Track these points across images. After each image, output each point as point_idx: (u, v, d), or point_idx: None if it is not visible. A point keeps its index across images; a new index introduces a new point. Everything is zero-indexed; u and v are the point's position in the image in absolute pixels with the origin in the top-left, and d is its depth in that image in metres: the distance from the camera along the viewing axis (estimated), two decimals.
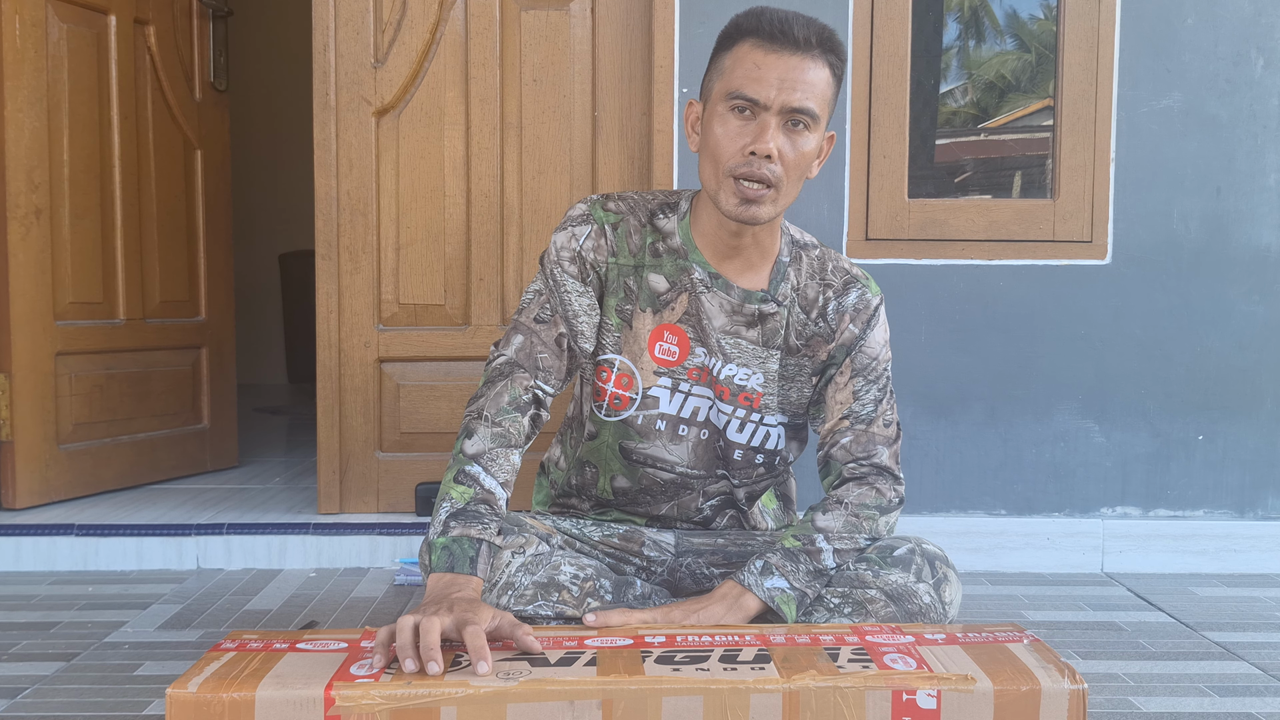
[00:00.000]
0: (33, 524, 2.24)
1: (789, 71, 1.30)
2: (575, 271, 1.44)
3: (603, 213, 1.45)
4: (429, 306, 2.35)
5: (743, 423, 1.47)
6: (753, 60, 1.31)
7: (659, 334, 1.44)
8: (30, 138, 2.34)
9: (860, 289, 1.47)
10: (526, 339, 1.42)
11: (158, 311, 2.70)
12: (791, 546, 1.36)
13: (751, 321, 1.44)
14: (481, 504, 1.28)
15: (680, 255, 1.44)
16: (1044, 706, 1.05)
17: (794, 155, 1.32)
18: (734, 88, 1.31)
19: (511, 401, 1.37)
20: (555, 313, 1.43)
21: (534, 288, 1.46)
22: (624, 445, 1.48)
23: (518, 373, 1.39)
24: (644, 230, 1.45)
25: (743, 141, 1.31)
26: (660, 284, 1.44)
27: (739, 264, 1.43)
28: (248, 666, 1.06)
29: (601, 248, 1.44)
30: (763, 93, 1.30)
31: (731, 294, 1.43)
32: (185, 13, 2.75)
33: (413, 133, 2.32)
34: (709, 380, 1.45)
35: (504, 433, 1.34)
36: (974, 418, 2.28)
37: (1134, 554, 2.27)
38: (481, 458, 1.32)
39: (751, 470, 1.51)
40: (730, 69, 1.33)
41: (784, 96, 1.30)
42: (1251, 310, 2.28)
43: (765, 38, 1.31)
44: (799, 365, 1.47)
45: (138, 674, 1.61)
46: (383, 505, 2.36)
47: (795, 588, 1.33)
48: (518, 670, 1.05)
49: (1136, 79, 2.25)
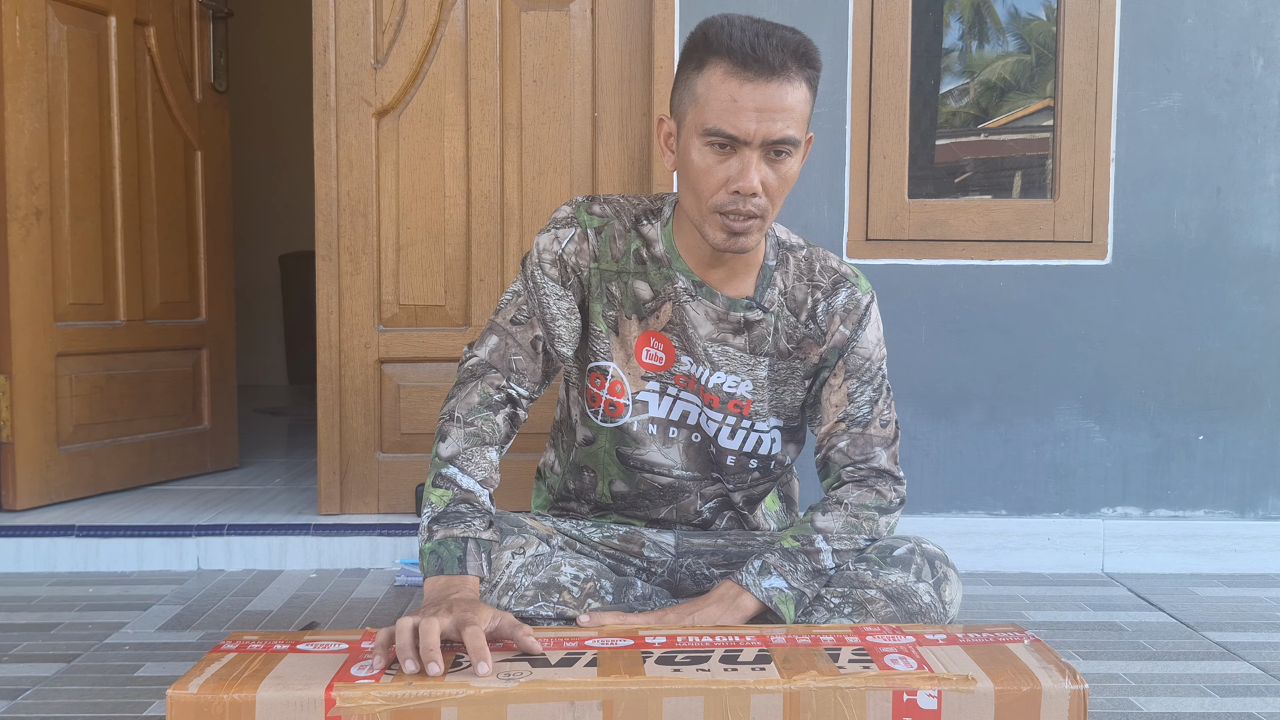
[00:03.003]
0: (33, 525, 2.24)
1: (767, 101, 1.24)
2: (556, 275, 1.42)
3: (587, 216, 1.43)
4: (429, 307, 2.35)
5: (734, 429, 1.46)
6: (727, 92, 1.25)
7: (645, 340, 1.43)
8: (30, 139, 2.34)
9: (849, 288, 1.44)
10: (501, 340, 1.41)
11: (158, 312, 2.70)
12: (790, 546, 1.36)
13: (738, 329, 1.42)
14: (461, 504, 1.27)
15: (664, 264, 1.41)
16: (1045, 707, 1.05)
17: (777, 182, 1.29)
18: (710, 123, 1.26)
19: (482, 401, 1.36)
20: (533, 315, 1.42)
21: (513, 288, 1.44)
22: (620, 451, 1.47)
23: (490, 373, 1.38)
24: (629, 235, 1.43)
25: (724, 176, 1.27)
26: (645, 291, 1.42)
27: (723, 272, 1.41)
28: (248, 667, 1.06)
29: (584, 252, 1.42)
30: (741, 127, 1.24)
31: (716, 302, 1.41)
32: (185, 14, 2.75)
33: (413, 133, 2.32)
34: (696, 388, 1.44)
35: (477, 431, 1.33)
36: (974, 418, 2.28)
37: (1134, 554, 2.27)
38: (457, 459, 1.31)
39: (746, 475, 1.50)
40: (704, 98, 1.27)
41: (764, 129, 1.24)
42: (1252, 310, 2.28)
43: (738, 63, 1.24)
44: (790, 369, 1.45)
45: (138, 675, 1.61)
46: (383, 506, 2.36)
47: (793, 587, 1.32)
48: (518, 671, 1.05)
49: (1136, 79, 2.25)
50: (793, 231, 1.50)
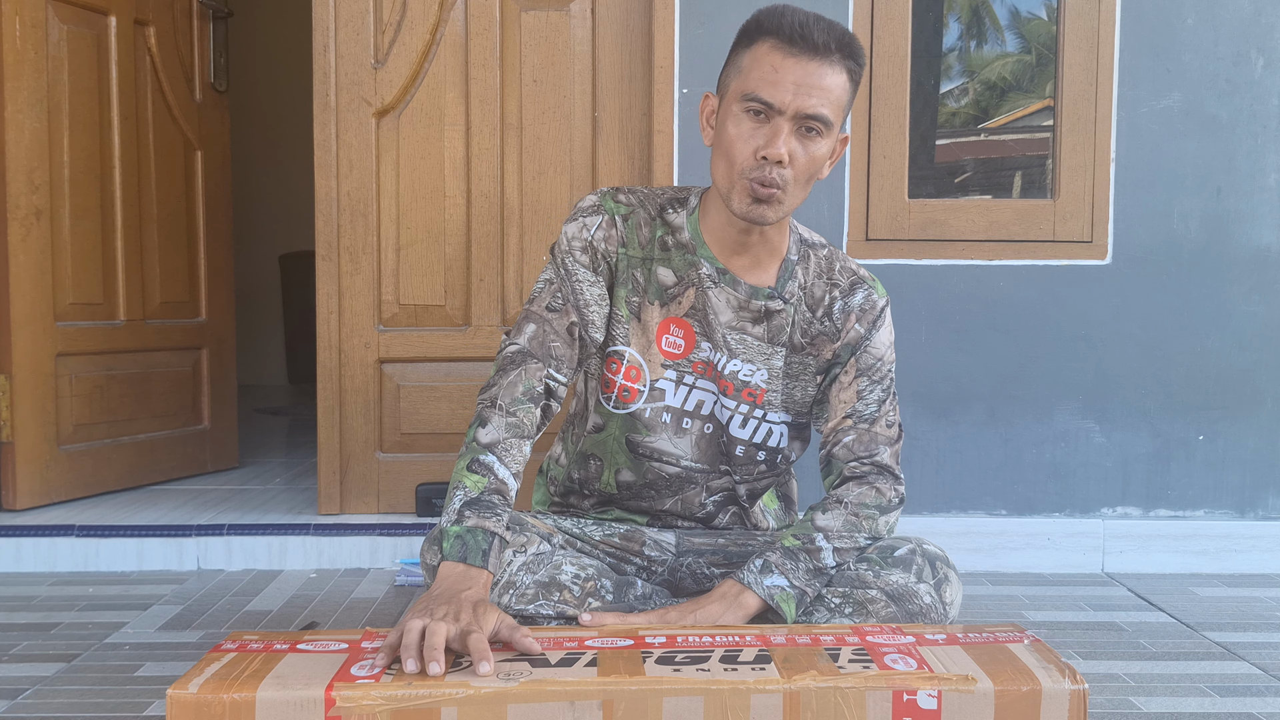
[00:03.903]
0: (33, 525, 2.24)
1: (806, 76, 1.29)
2: (586, 261, 1.44)
3: (613, 204, 1.46)
4: (429, 307, 2.35)
5: (745, 418, 1.47)
6: (770, 63, 1.30)
7: (665, 326, 1.45)
8: (30, 139, 2.34)
9: (867, 290, 1.47)
10: (539, 328, 1.42)
11: (158, 312, 2.70)
12: (791, 545, 1.36)
13: (758, 318, 1.45)
14: (495, 494, 1.28)
15: (689, 250, 1.44)
16: (1045, 707, 1.05)
17: (805, 159, 1.33)
18: (749, 89, 1.31)
19: (526, 392, 1.36)
20: (567, 302, 1.43)
21: (544, 277, 1.46)
22: (630, 439, 1.48)
23: (530, 362, 1.39)
24: (654, 224, 1.45)
25: (755, 144, 1.31)
26: (668, 277, 1.44)
27: (747, 260, 1.44)
28: (248, 667, 1.06)
29: (612, 238, 1.44)
30: (778, 96, 1.29)
31: (739, 289, 1.43)
32: (185, 13, 2.75)
33: (413, 133, 2.32)
34: (713, 375, 1.45)
35: (518, 423, 1.34)
36: (974, 418, 2.28)
37: (1134, 554, 2.27)
38: (496, 447, 1.31)
39: (753, 467, 1.51)
40: (748, 69, 1.32)
41: (799, 101, 1.29)
42: (1252, 310, 2.28)
43: (785, 39, 1.30)
44: (803, 364, 1.47)
45: (138, 675, 1.61)
46: (383, 506, 2.36)
47: (795, 586, 1.33)
48: (518, 671, 1.05)
49: (1136, 79, 2.25)
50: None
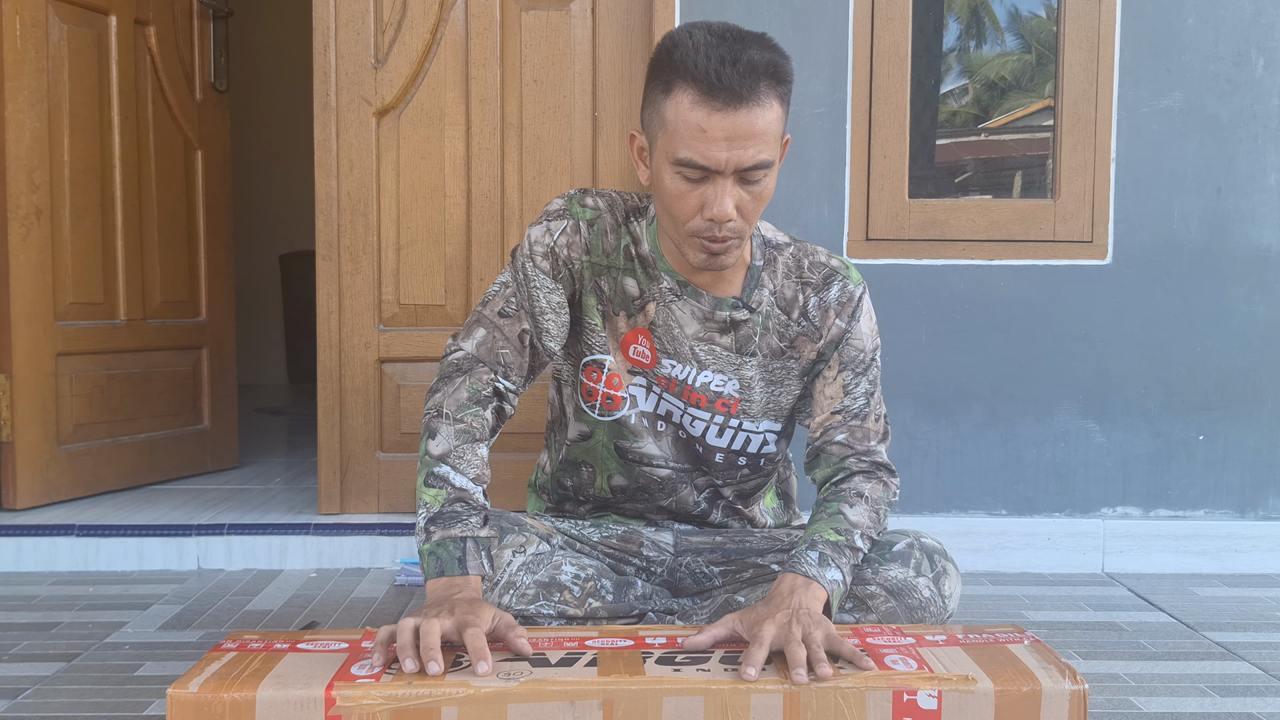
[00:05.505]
0: (33, 524, 2.24)
1: (736, 129, 1.21)
2: (547, 267, 1.41)
3: (580, 209, 1.42)
4: (429, 307, 2.35)
5: (721, 428, 1.45)
6: (695, 122, 1.22)
7: (633, 336, 1.43)
8: (31, 138, 2.34)
9: (841, 281, 1.43)
10: (489, 333, 1.39)
11: (158, 312, 2.70)
12: (836, 540, 1.30)
13: (724, 328, 1.42)
14: (456, 503, 1.26)
15: (649, 264, 1.41)
16: (1045, 707, 1.05)
17: (753, 203, 1.28)
18: (680, 154, 1.24)
19: (471, 396, 1.34)
20: (521, 308, 1.40)
21: (501, 280, 1.43)
22: (619, 445, 1.47)
23: (477, 368, 1.37)
24: (619, 230, 1.42)
25: (699, 202, 1.26)
26: (633, 289, 1.42)
27: (708, 276, 1.40)
28: (248, 667, 1.06)
29: (576, 244, 1.41)
30: (713, 157, 1.22)
31: (702, 301, 1.40)
32: (185, 13, 2.75)
33: (413, 133, 2.32)
34: (677, 390, 1.43)
35: (467, 428, 1.31)
36: (974, 418, 2.28)
37: (1135, 554, 2.27)
38: (448, 457, 1.29)
39: (735, 471, 1.50)
40: (673, 126, 1.24)
41: (736, 157, 1.22)
42: (1252, 310, 2.28)
43: (705, 91, 1.21)
44: (785, 368, 1.45)
45: (138, 674, 1.61)
46: (383, 506, 2.36)
47: (846, 582, 1.28)
48: (518, 670, 1.05)
49: (1137, 79, 2.25)
50: (789, 230, 1.50)
